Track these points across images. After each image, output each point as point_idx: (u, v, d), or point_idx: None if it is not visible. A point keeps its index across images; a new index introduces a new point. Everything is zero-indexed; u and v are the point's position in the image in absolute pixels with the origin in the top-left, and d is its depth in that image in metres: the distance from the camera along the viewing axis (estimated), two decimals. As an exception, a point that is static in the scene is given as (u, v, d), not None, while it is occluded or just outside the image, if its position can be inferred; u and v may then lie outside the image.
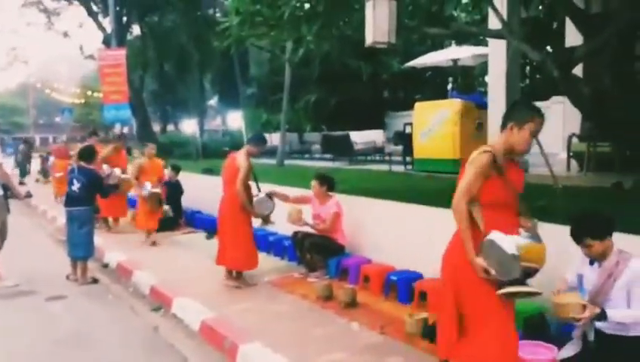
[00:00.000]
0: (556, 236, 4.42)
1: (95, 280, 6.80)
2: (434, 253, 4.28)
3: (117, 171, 8.87)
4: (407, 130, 11.63)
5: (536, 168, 8.70)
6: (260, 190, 6.26)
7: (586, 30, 5.46)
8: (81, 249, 6.75)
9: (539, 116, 2.91)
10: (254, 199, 6.14)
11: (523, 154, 3.04)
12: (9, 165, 9.07)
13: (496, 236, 2.79)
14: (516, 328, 3.86)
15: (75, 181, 6.69)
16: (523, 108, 2.96)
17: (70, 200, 6.75)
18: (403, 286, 5.40)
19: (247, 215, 6.13)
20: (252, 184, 6.28)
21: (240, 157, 6.02)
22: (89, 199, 6.84)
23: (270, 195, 6.32)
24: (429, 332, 4.27)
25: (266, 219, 6.40)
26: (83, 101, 43.22)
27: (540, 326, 4.23)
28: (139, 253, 7.86)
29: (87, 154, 6.93)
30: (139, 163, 8.81)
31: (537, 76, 17.59)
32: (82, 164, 6.86)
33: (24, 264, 7.43)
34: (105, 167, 8.94)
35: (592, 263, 3.39)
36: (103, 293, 6.34)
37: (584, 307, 3.13)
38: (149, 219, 8.64)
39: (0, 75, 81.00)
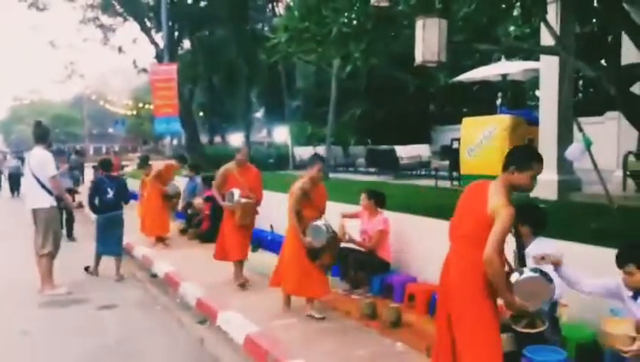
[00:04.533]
0: (612, 261, 4.26)
1: (122, 277, 7.54)
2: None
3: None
4: (455, 145, 11.46)
5: (589, 186, 8.41)
6: None
7: (644, 46, 5.27)
8: (117, 247, 7.61)
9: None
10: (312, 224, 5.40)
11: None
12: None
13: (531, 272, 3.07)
14: (569, 355, 3.74)
15: (109, 189, 7.51)
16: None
17: (106, 205, 7.50)
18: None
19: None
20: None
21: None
22: (120, 204, 7.65)
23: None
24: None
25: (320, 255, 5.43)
26: (135, 112, 44.63)
27: (594, 353, 4.06)
28: (186, 264, 8.00)
29: (107, 165, 8.04)
30: (226, 169, 6.85)
31: (591, 90, 17.07)
32: (108, 173, 7.84)
33: (77, 272, 7.69)
34: (173, 183, 9.48)
35: (635, 298, 3.24)
36: (152, 304, 6.48)
37: (634, 339, 2.98)
38: (238, 244, 6.72)
39: (58, 88, 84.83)
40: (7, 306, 6.34)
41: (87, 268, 7.74)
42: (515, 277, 3.08)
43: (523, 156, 3.18)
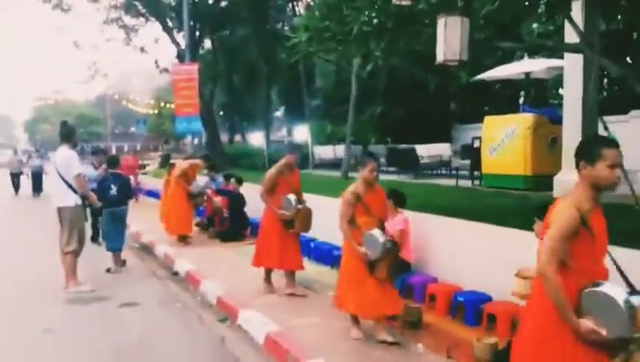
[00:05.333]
0: (636, 263, 4.17)
1: (124, 262, 8.08)
2: (504, 275, 4.16)
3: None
4: (476, 143, 11.35)
5: (614, 186, 8.26)
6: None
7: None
8: (120, 241, 7.97)
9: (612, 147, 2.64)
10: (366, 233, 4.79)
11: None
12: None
13: (606, 287, 2.48)
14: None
15: (112, 186, 7.83)
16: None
17: (110, 202, 7.79)
18: (471, 308, 5.25)
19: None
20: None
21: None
22: (125, 200, 8.03)
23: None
24: (498, 359, 4.12)
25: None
26: (156, 112, 45.11)
27: None
28: (207, 262, 8.06)
29: (114, 162, 8.42)
30: (278, 173, 6.31)
31: (615, 88, 16.74)
32: (112, 170, 8.14)
33: (100, 269, 7.81)
34: (197, 183, 9.71)
35: None
36: (173, 302, 6.54)
37: None
38: (293, 252, 6.37)
39: (81, 88, 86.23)
40: (32, 303, 6.45)
41: (108, 270, 7.88)
42: (587, 288, 2.53)
43: (589, 144, 2.72)
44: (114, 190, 7.83)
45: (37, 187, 20.14)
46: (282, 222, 6.20)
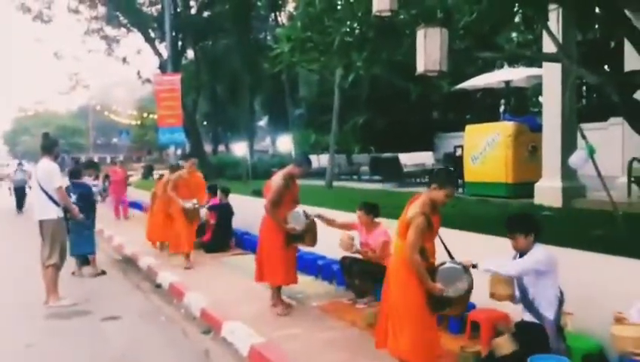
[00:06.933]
0: (617, 269, 4.25)
1: (104, 272, 8.30)
2: (487, 283, 4.18)
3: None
4: (458, 152, 11.45)
5: (594, 193, 8.39)
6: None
7: (646, 52, 5.26)
8: (88, 246, 8.25)
9: None
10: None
11: None
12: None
13: None
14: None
15: (71, 194, 7.85)
16: None
17: None
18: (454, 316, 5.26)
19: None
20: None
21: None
22: (87, 208, 8.02)
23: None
24: (482, 367, 4.14)
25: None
26: (139, 122, 44.86)
27: (600, 363, 4.04)
28: (190, 274, 8.01)
29: (76, 173, 8.73)
30: (284, 185, 5.93)
31: (594, 96, 17.05)
32: (74, 180, 8.38)
33: (82, 283, 7.71)
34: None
35: None
36: (156, 315, 6.47)
37: None
38: (291, 267, 6.23)
39: (63, 99, 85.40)
40: (12, 318, 6.35)
41: (73, 273, 8.17)
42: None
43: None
44: (73, 198, 7.80)
45: (20, 203, 18.80)
46: (286, 236, 5.98)
